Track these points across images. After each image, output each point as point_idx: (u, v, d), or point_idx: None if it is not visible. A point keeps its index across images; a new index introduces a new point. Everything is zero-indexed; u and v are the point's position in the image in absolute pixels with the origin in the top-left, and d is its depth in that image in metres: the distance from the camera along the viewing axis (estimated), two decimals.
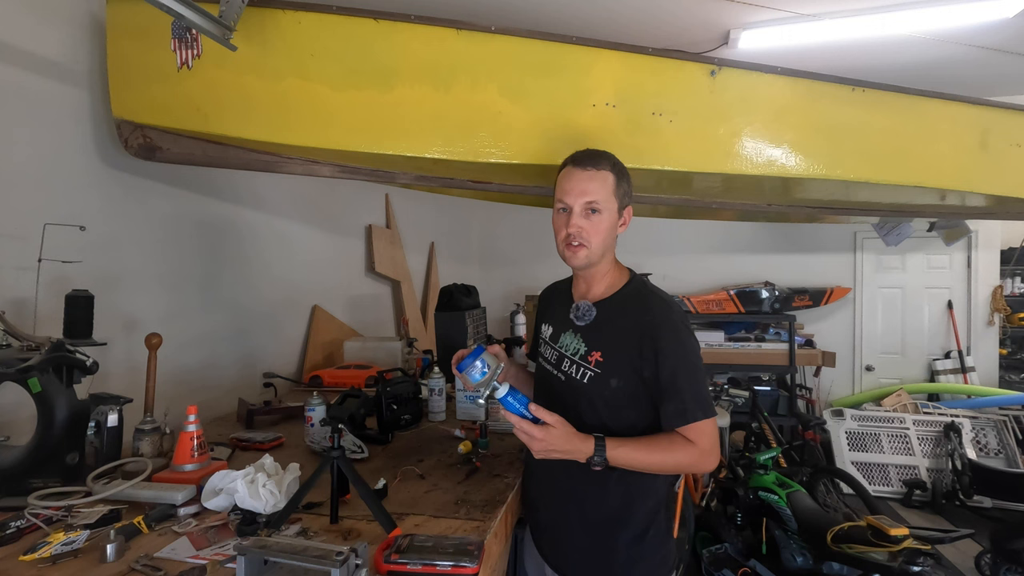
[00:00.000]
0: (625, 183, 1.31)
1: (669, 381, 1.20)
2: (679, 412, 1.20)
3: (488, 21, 1.63)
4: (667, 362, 1.20)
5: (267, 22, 1.64)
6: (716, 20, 3.46)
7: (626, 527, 1.27)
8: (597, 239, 1.27)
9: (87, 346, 1.51)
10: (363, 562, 0.90)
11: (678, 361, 1.21)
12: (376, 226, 4.03)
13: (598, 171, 1.27)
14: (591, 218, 1.27)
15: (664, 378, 1.21)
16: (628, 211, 1.33)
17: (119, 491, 1.28)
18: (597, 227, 1.27)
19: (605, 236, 1.28)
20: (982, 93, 2.48)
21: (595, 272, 1.34)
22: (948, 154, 1.93)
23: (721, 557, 3.09)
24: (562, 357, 1.33)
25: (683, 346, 1.23)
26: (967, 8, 3.18)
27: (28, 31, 1.77)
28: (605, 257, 1.31)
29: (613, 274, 1.34)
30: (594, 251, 1.28)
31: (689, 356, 1.23)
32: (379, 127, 1.68)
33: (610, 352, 1.25)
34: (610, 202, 1.28)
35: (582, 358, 1.28)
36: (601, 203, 1.26)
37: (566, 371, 1.31)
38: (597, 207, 1.26)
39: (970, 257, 5.30)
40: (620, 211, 1.31)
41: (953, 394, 5.05)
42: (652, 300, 1.27)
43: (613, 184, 1.28)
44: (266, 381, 2.43)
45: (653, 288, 1.33)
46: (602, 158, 1.29)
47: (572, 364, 1.30)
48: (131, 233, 2.09)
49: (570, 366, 1.30)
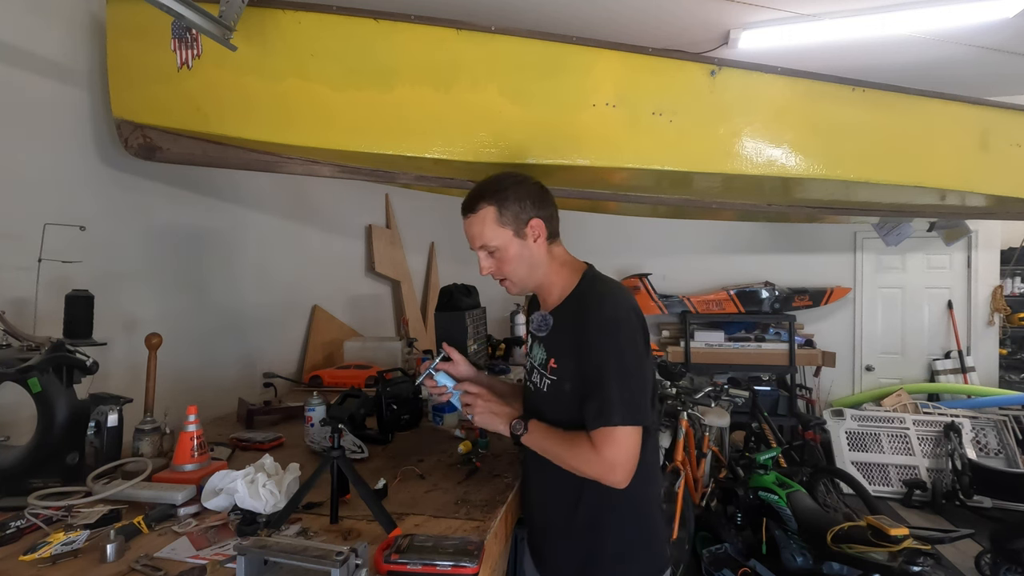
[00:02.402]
0: (514, 204, 1.25)
1: (594, 377, 1.14)
2: (595, 412, 1.13)
3: (488, 21, 1.63)
4: (592, 358, 1.15)
5: (267, 22, 1.64)
6: (716, 20, 3.46)
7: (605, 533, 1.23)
8: (511, 269, 1.28)
9: (87, 346, 1.50)
10: (363, 562, 0.90)
11: (604, 358, 1.14)
12: (376, 226, 4.03)
13: (475, 213, 1.27)
14: (494, 256, 1.28)
15: (589, 374, 1.15)
16: (533, 225, 1.26)
17: (119, 491, 1.28)
18: (503, 262, 1.28)
19: (516, 264, 1.28)
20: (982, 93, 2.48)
21: (541, 286, 1.33)
22: (948, 154, 1.93)
23: (721, 557, 3.10)
24: (533, 368, 1.34)
25: (613, 341, 1.15)
26: (967, 8, 3.18)
27: (28, 31, 1.77)
28: (540, 272, 1.30)
29: (563, 280, 1.30)
30: (518, 281, 1.30)
31: (621, 354, 1.15)
32: (379, 127, 1.68)
33: (560, 357, 1.24)
34: (499, 235, 1.25)
35: (543, 366, 1.28)
36: (490, 241, 1.26)
37: (535, 381, 1.32)
38: (489, 247, 1.27)
39: (970, 257, 5.30)
40: (520, 233, 1.26)
41: (953, 394, 5.05)
42: (590, 296, 1.24)
43: (495, 217, 1.25)
44: (266, 381, 2.43)
45: (600, 283, 1.27)
46: (478, 197, 1.27)
47: (538, 373, 1.30)
48: (131, 233, 2.09)
49: (538, 376, 1.30)
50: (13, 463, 1.33)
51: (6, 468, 1.32)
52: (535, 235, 1.27)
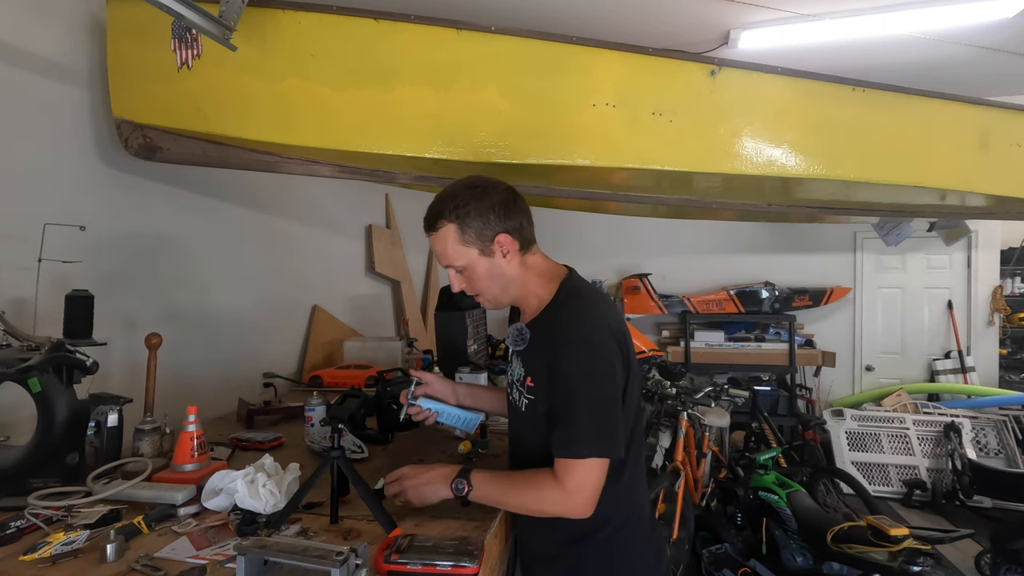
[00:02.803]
0: (476, 220, 1.15)
1: (563, 404, 1.08)
2: (562, 442, 1.06)
3: (488, 21, 1.63)
4: (563, 383, 1.08)
5: (267, 22, 1.64)
6: (716, 20, 3.46)
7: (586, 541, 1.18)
8: (483, 287, 1.21)
9: (87, 346, 1.50)
10: (363, 562, 0.90)
11: (574, 384, 1.07)
12: (376, 226, 4.04)
13: (436, 232, 1.18)
14: (463, 274, 1.21)
15: (559, 400, 1.09)
16: (500, 241, 1.17)
17: (119, 491, 1.27)
18: (473, 279, 1.20)
19: (488, 282, 1.20)
20: (982, 93, 2.48)
21: (518, 298, 1.25)
22: (948, 154, 1.93)
23: (721, 557, 3.10)
24: (512, 382, 1.27)
25: (584, 366, 1.07)
26: (967, 8, 3.18)
27: (28, 31, 1.77)
28: (515, 287, 1.22)
29: (541, 290, 1.22)
30: (490, 296, 1.23)
31: (593, 380, 1.07)
32: (379, 127, 1.68)
33: (536, 376, 1.16)
34: (463, 254, 1.17)
35: (520, 383, 1.21)
36: (456, 260, 1.18)
37: (515, 398, 1.25)
38: (456, 266, 1.19)
39: (970, 257, 5.30)
40: (486, 251, 1.17)
41: (953, 394, 5.06)
42: (564, 313, 1.15)
43: (456, 236, 1.16)
44: (266, 381, 2.42)
45: (576, 297, 1.19)
46: (437, 214, 1.17)
47: (516, 390, 1.24)
48: (131, 233, 2.09)
49: (517, 393, 1.24)
50: (13, 463, 1.32)
51: (6, 468, 1.32)
52: (504, 251, 1.18)
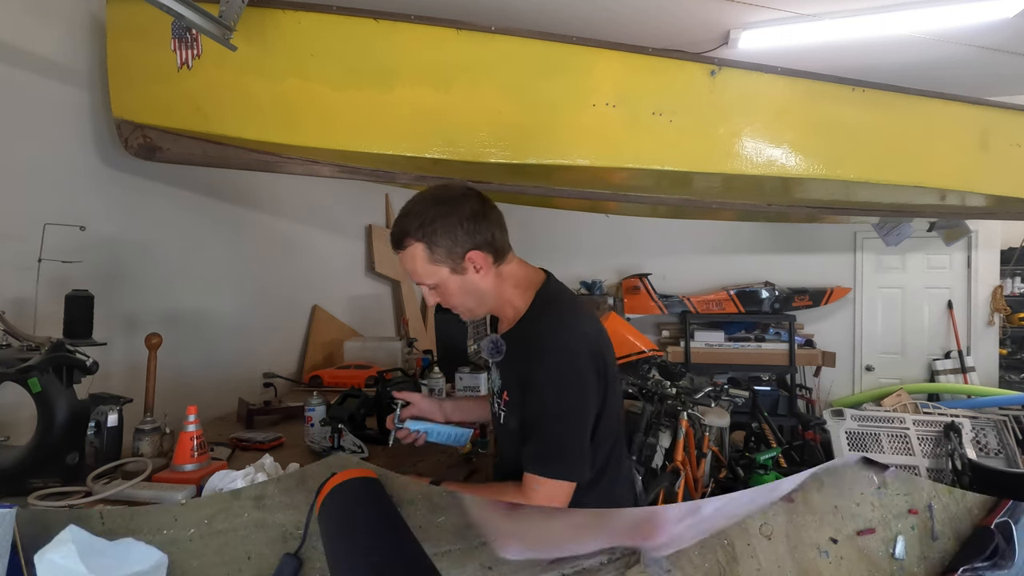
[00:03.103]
0: (444, 239, 1.11)
1: (534, 420, 1.07)
2: (531, 456, 1.06)
3: (488, 21, 1.63)
4: (534, 399, 1.07)
5: (267, 22, 1.64)
6: (716, 20, 3.46)
7: None
8: (458, 302, 1.19)
9: (87, 346, 1.50)
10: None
11: (544, 402, 1.06)
12: (376, 226, 4.03)
13: (404, 251, 1.14)
14: (436, 291, 1.17)
15: (529, 414, 1.08)
16: (472, 257, 1.13)
17: (119, 491, 1.27)
18: (446, 295, 1.18)
19: (462, 298, 1.17)
20: (982, 93, 2.48)
21: (494, 308, 1.23)
22: (948, 154, 1.93)
23: None
24: (492, 393, 1.26)
25: (556, 382, 1.06)
26: (967, 8, 3.18)
27: (28, 31, 1.77)
28: (490, 299, 1.20)
29: (517, 300, 1.19)
30: (465, 310, 1.20)
31: (564, 399, 1.06)
32: (379, 127, 1.69)
33: (511, 389, 1.15)
34: (434, 274, 1.13)
35: (499, 395, 1.20)
36: (426, 279, 1.15)
37: (495, 410, 1.24)
38: (427, 284, 1.16)
39: (970, 257, 5.29)
40: (458, 269, 1.13)
41: (953, 394, 5.05)
42: (538, 326, 1.13)
43: (425, 255, 1.12)
44: (266, 381, 2.42)
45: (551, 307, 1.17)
46: (403, 232, 1.13)
47: (495, 402, 1.23)
48: (131, 233, 2.09)
49: (496, 404, 1.22)
50: (13, 463, 1.32)
51: (6, 468, 1.31)
52: (476, 267, 1.14)
